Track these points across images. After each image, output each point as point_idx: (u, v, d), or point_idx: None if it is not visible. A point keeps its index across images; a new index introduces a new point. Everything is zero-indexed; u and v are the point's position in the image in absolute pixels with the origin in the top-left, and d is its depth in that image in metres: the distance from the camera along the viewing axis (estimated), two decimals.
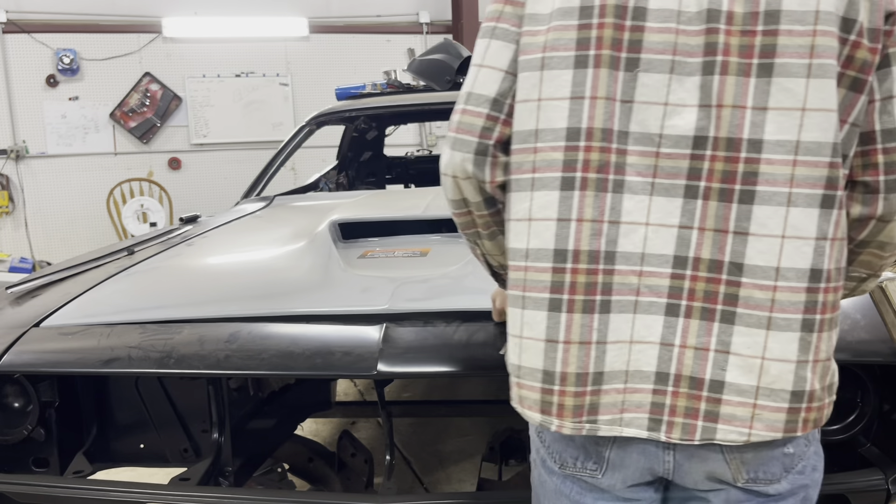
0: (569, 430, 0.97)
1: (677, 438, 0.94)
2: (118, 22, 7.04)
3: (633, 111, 0.93)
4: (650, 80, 0.93)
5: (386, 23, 7.74)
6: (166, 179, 7.36)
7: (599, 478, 1.01)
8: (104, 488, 1.59)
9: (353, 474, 2.11)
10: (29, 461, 1.77)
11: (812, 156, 0.89)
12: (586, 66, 0.93)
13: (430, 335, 1.54)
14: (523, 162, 0.98)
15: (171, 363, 1.52)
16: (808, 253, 0.90)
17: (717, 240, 0.91)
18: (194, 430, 1.88)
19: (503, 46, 1.00)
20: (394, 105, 3.58)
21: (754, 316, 0.91)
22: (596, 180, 0.93)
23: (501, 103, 0.99)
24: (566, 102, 0.94)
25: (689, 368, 0.93)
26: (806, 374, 0.92)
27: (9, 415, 1.73)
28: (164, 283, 1.98)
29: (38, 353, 1.61)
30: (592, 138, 0.93)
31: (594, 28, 0.93)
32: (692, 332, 0.92)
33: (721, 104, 0.90)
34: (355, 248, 2.20)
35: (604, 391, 0.95)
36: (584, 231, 0.94)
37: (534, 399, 0.98)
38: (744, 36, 0.90)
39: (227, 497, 1.56)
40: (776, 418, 0.92)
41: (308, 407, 2.30)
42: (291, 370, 1.52)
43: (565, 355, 0.95)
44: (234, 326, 1.61)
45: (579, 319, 0.94)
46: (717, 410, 0.92)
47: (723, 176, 0.91)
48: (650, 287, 0.93)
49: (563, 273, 0.94)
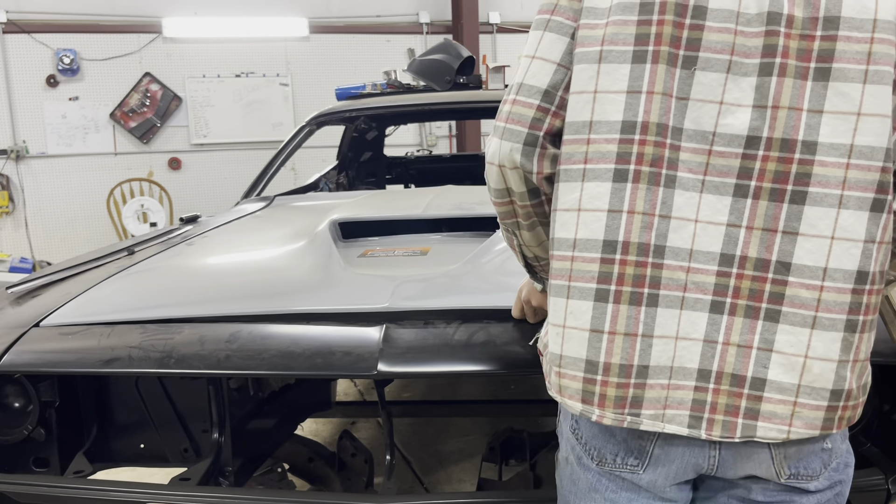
0: (609, 420, 0.97)
1: (717, 436, 0.95)
2: (118, 22, 7.04)
3: (689, 108, 0.94)
4: (706, 78, 0.94)
5: (386, 23, 7.74)
6: (166, 179, 7.36)
7: (640, 474, 1.01)
8: (104, 488, 1.59)
9: (354, 474, 2.11)
10: (29, 461, 1.77)
11: (865, 160, 0.91)
12: (644, 61, 0.94)
13: (431, 335, 1.54)
14: (575, 152, 0.98)
15: (172, 363, 1.52)
16: (856, 255, 0.91)
17: (764, 239, 0.93)
18: (194, 430, 1.87)
19: (557, 39, 1.00)
20: (394, 105, 3.58)
21: (799, 315, 0.92)
22: (649, 174, 0.94)
23: (553, 95, 1.00)
24: (623, 96, 0.95)
25: (732, 366, 0.93)
26: (846, 374, 0.93)
27: (9, 415, 1.73)
28: (164, 282, 1.98)
29: (38, 353, 1.61)
30: (647, 132, 0.94)
31: (654, 24, 0.94)
32: (736, 329, 0.93)
33: (777, 105, 0.92)
34: (355, 248, 2.20)
35: (649, 385, 0.95)
36: (636, 223, 0.94)
37: (575, 388, 0.98)
38: (802, 40, 0.91)
39: (228, 497, 1.55)
40: (815, 416, 0.93)
41: (308, 407, 2.30)
42: (292, 370, 1.52)
43: (610, 346, 0.95)
44: (235, 326, 1.61)
45: (626, 311, 0.95)
46: (757, 408, 0.93)
47: (775, 176, 0.92)
48: (697, 284, 0.94)
49: (611, 264, 0.95)
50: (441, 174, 4.87)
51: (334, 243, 2.12)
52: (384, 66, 4.11)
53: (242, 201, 3.25)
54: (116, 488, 1.57)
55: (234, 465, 1.84)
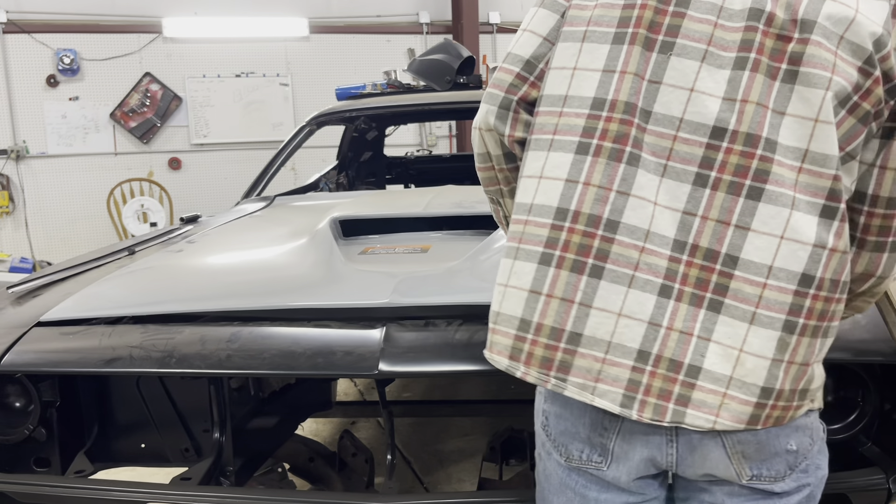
0: (533, 378, 0.99)
1: (647, 418, 0.95)
2: (118, 22, 7.04)
3: (660, 92, 0.96)
4: (681, 64, 0.96)
5: (386, 23, 7.74)
6: (166, 179, 7.36)
7: (605, 470, 1.02)
8: (105, 488, 1.59)
9: (354, 474, 2.11)
10: (30, 461, 1.77)
11: (818, 166, 0.91)
12: (623, 42, 0.98)
13: (432, 335, 1.54)
14: (546, 123, 1.02)
15: (173, 363, 1.52)
16: (802, 257, 0.91)
17: (717, 230, 0.93)
18: (195, 430, 1.87)
19: (548, 15, 1.06)
20: (394, 105, 3.58)
21: (740, 309, 0.92)
22: (611, 149, 0.97)
23: (534, 65, 1.06)
24: (598, 74, 0.99)
25: (671, 351, 0.94)
26: (778, 373, 0.93)
27: (10, 414, 1.73)
28: (165, 279, 1.98)
29: (39, 352, 1.61)
30: (615, 110, 0.97)
31: (637, 8, 0.99)
32: (680, 315, 0.94)
33: (746, 100, 0.93)
34: (356, 245, 2.20)
35: (580, 353, 0.97)
36: (589, 195, 0.96)
37: (504, 344, 1.01)
38: (779, 40, 0.93)
39: (228, 497, 1.56)
40: (742, 410, 0.93)
41: (309, 407, 2.30)
42: (293, 370, 1.52)
43: (545, 307, 0.97)
44: (236, 326, 1.61)
45: (566, 277, 0.97)
46: (689, 395, 0.94)
47: (735, 169, 0.93)
48: (649, 265, 0.95)
49: (560, 230, 0.97)
50: (441, 174, 4.87)
51: (335, 240, 2.13)
52: (384, 66, 4.11)
53: (243, 201, 3.25)
54: (117, 488, 1.57)
55: (235, 465, 1.84)
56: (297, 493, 1.91)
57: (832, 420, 1.61)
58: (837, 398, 1.61)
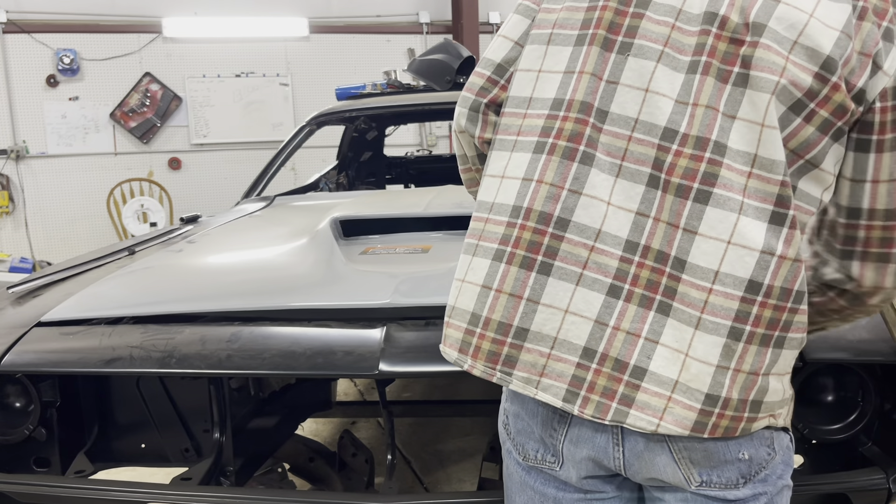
0: (479, 372, 1.00)
1: (589, 415, 0.95)
2: (118, 22, 7.04)
3: (617, 92, 0.97)
4: (637, 64, 0.96)
5: (386, 23, 7.74)
6: (166, 179, 7.36)
7: (558, 470, 1.03)
8: (105, 488, 1.59)
9: (354, 474, 2.11)
10: (30, 461, 1.77)
11: (766, 171, 0.90)
12: (583, 44, 1.00)
13: (432, 335, 1.54)
14: (511, 125, 1.04)
15: (173, 363, 1.52)
16: (749, 263, 0.90)
17: (667, 233, 0.93)
18: (195, 430, 1.88)
19: (520, 20, 1.09)
20: (394, 105, 3.58)
21: (686, 313, 0.92)
22: (564, 148, 0.98)
23: (504, 69, 1.08)
24: (560, 76, 1.01)
25: (617, 350, 0.94)
26: (724, 381, 0.91)
27: (10, 415, 1.73)
28: (165, 279, 1.98)
29: (39, 352, 1.61)
30: (571, 109, 0.99)
31: (598, 10, 1.00)
32: (628, 316, 0.94)
33: (697, 103, 0.93)
34: (357, 245, 2.21)
35: (525, 349, 0.97)
36: (541, 192, 0.98)
37: (455, 338, 1.03)
38: (731, 43, 0.92)
39: (228, 497, 1.56)
40: (686, 415, 0.92)
41: (309, 407, 2.30)
42: (293, 370, 1.52)
43: (494, 302, 0.99)
44: (236, 326, 1.61)
45: (515, 273, 0.98)
46: (633, 395, 0.93)
47: (684, 172, 0.93)
48: (598, 264, 0.95)
49: (513, 227, 0.99)
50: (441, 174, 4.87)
51: (336, 241, 2.13)
52: (384, 66, 4.11)
53: (242, 201, 3.26)
54: (117, 488, 1.57)
55: (235, 465, 1.84)
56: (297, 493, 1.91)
57: (832, 420, 1.61)
58: (837, 398, 1.61)
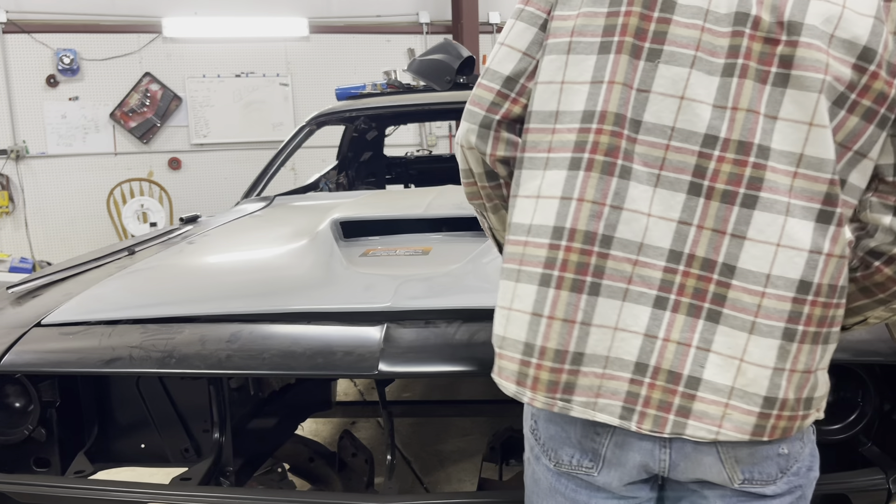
0: (540, 403, 0.98)
1: (647, 429, 0.95)
2: (118, 22, 7.04)
3: (650, 101, 0.95)
4: (669, 72, 0.94)
5: (386, 23, 7.74)
6: (166, 179, 7.36)
7: (595, 475, 1.02)
8: (105, 488, 1.59)
9: (354, 474, 2.11)
10: (30, 461, 1.77)
11: (813, 170, 0.90)
12: (609, 52, 0.96)
13: (432, 335, 1.54)
14: (539, 141, 1.00)
15: (173, 363, 1.52)
16: (799, 264, 0.91)
17: (713, 239, 0.93)
18: (195, 430, 1.87)
19: (525, 28, 1.03)
20: (394, 105, 3.58)
21: (739, 318, 0.92)
22: (603, 163, 0.95)
23: (514, 82, 1.03)
24: (586, 86, 0.97)
25: (669, 362, 0.93)
26: (781, 382, 0.92)
27: (10, 415, 1.73)
28: (165, 281, 1.98)
29: (39, 353, 1.61)
30: (605, 121, 0.95)
31: (621, 16, 0.96)
32: (677, 326, 0.93)
33: (736, 107, 0.92)
34: (357, 247, 2.20)
35: (582, 372, 0.96)
36: (584, 211, 0.95)
37: (511, 370, 1.01)
38: (766, 43, 0.91)
39: (228, 497, 1.56)
40: (745, 420, 0.92)
41: (309, 407, 2.30)
42: (293, 370, 1.52)
43: (547, 330, 0.97)
44: (236, 326, 1.61)
45: (566, 297, 0.96)
46: (690, 406, 0.93)
47: (728, 178, 0.92)
48: (642, 277, 0.94)
49: (557, 250, 0.96)
50: (441, 174, 4.87)
51: (336, 242, 2.13)
52: (384, 66, 4.11)
53: (242, 201, 3.26)
54: (117, 488, 1.57)
55: (235, 465, 1.84)
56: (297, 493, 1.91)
57: (832, 420, 1.61)
58: (837, 398, 1.61)
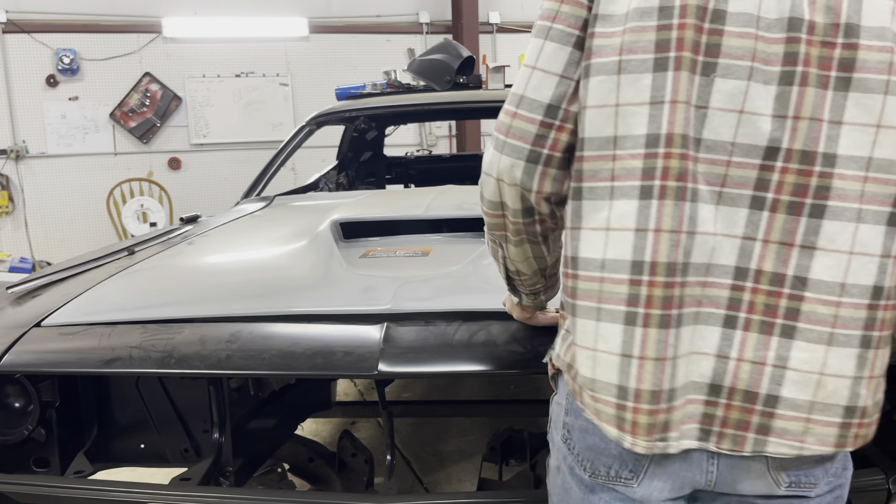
0: (642, 448, 0.94)
1: (727, 449, 0.94)
2: (118, 22, 7.05)
3: (708, 118, 0.91)
4: (727, 86, 0.90)
5: (386, 23, 7.74)
6: (166, 179, 7.36)
7: (634, 487, 0.99)
8: (105, 488, 1.59)
9: (354, 474, 2.11)
10: (29, 461, 1.77)
11: (883, 173, 0.89)
12: (666, 69, 0.90)
13: (431, 335, 1.54)
14: (600, 169, 0.94)
15: (172, 363, 1.52)
16: (872, 270, 0.90)
17: (781, 253, 0.90)
18: (195, 430, 1.87)
19: (558, 49, 0.96)
20: (394, 105, 3.58)
21: (815, 331, 0.90)
22: (675, 189, 0.90)
23: (557, 108, 0.96)
24: (646, 108, 0.90)
25: (745, 382, 0.92)
26: (860, 391, 0.91)
27: (9, 415, 1.73)
28: (165, 282, 1.98)
29: (38, 353, 1.61)
30: (672, 144, 0.90)
31: (674, 29, 0.89)
32: (749, 345, 0.92)
33: (798, 116, 0.89)
34: (356, 248, 2.20)
35: (675, 408, 0.93)
36: (663, 242, 0.91)
37: (609, 413, 0.96)
38: (824, 47, 0.88)
39: (228, 497, 1.55)
40: (828, 433, 0.92)
41: (308, 407, 2.30)
42: (292, 370, 1.52)
43: (640, 371, 0.92)
44: (235, 326, 1.61)
45: (655, 335, 0.92)
46: (769, 424, 0.92)
47: (794, 189, 0.90)
48: (710, 298, 0.92)
49: (639, 286, 0.92)
50: (441, 174, 4.87)
51: (335, 243, 2.12)
52: (384, 66, 4.11)
53: (242, 201, 3.25)
54: (117, 488, 1.57)
55: (235, 465, 1.84)
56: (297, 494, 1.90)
57: None
58: None
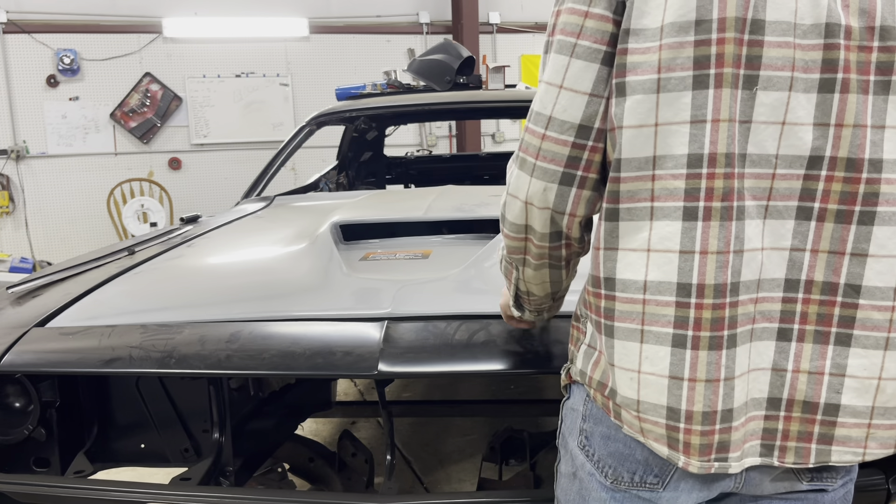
0: (696, 468, 0.93)
1: (790, 463, 0.94)
2: (118, 22, 7.05)
3: (751, 132, 0.89)
4: (769, 98, 0.88)
5: (386, 23, 7.74)
6: (166, 179, 7.36)
7: (660, 492, 0.98)
8: (105, 488, 1.59)
9: (354, 474, 2.11)
10: (30, 461, 1.77)
11: None
12: (706, 86, 0.87)
13: (431, 335, 1.54)
14: (638, 190, 0.92)
15: (172, 363, 1.52)
16: None
17: (831, 262, 0.90)
18: (195, 430, 1.87)
19: (585, 66, 0.93)
20: (394, 105, 3.58)
21: (871, 337, 0.90)
22: (721, 209, 0.89)
23: (589, 129, 0.94)
24: (686, 127, 0.88)
25: (803, 393, 0.92)
26: None
27: (10, 415, 1.73)
28: (165, 286, 1.98)
29: (39, 352, 1.61)
30: (716, 164, 0.88)
31: (714, 44, 0.86)
32: (805, 356, 0.92)
33: (841, 123, 0.88)
34: (356, 250, 2.20)
35: (734, 428, 0.92)
36: (710, 264, 0.89)
37: (659, 433, 0.94)
38: (861, 51, 0.88)
39: (228, 497, 1.55)
40: (889, 435, 0.93)
41: (308, 407, 2.30)
42: (292, 370, 1.52)
43: (691, 393, 0.91)
44: (235, 326, 1.61)
45: (705, 357, 0.90)
46: (831, 433, 0.92)
47: (841, 197, 0.89)
48: (763, 313, 0.92)
49: (687, 308, 0.90)
50: (441, 174, 4.87)
51: (335, 246, 2.12)
52: (384, 66, 4.12)
53: (242, 201, 3.25)
54: (117, 488, 1.57)
55: (235, 465, 1.84)
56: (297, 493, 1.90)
57: None
58: None
